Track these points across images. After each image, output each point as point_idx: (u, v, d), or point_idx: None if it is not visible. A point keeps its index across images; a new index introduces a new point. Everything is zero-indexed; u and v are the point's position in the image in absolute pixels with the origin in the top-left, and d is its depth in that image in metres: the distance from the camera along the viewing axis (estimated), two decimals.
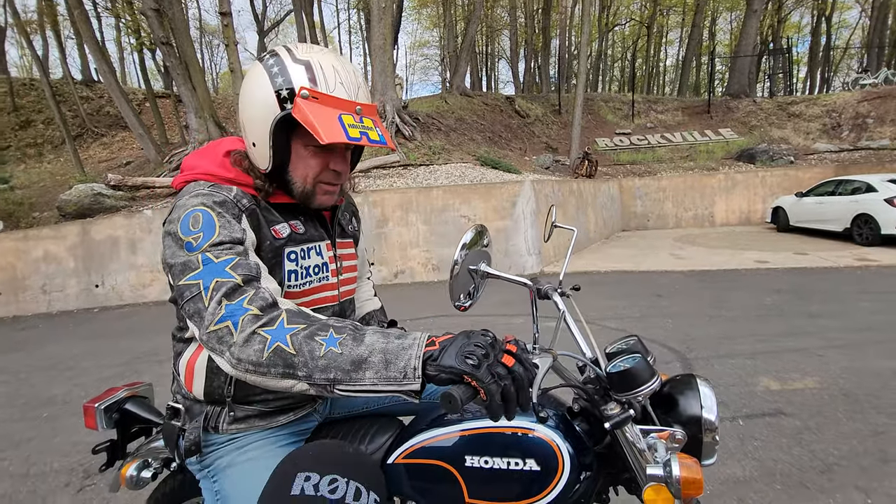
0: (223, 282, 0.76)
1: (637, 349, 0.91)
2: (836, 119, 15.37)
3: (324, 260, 1.02)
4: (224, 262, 0.79)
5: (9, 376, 4.14)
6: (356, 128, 0.85)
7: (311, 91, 0.84)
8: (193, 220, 0.82)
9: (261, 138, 0.89)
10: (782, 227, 10.83)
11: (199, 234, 0.81)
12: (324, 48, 0.91)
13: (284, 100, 0.84)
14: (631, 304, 5.35)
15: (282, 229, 0.94)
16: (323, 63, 0.86)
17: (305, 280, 0.98)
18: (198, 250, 0.80)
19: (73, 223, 7.46)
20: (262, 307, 0.75)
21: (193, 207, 0.84)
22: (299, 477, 0.74)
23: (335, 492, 0.73)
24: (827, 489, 2.01)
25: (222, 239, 0.81)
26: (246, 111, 0.91)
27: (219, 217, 0.83)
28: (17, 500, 2.25)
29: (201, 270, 0.78)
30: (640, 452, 0.83)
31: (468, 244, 0.77)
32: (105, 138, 15.54)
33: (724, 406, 2.79)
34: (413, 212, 7.63)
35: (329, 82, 0.86)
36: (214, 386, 0.97)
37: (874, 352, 3.50)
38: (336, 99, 0.86)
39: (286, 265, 0.94)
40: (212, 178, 0.92)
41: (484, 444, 0.91)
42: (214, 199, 0.86)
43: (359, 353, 0.70)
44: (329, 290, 1.04)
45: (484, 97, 16.80)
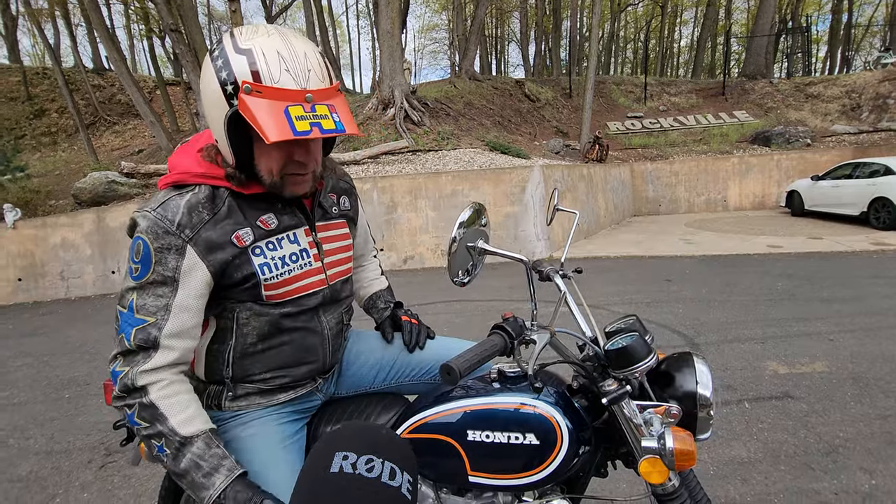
0: (123, 342, 0.88)
1: (635, 328, 0.93)
2: (855, 100, 14.94)
3: (302, 247, 1.00)
4: (136, 320, 0.87)
5: (32, 359, 4.29)
6: (305, 119, 0.80)
7: (254, 85, 0.79)
8: (137, 248, 0.87)
9: (220, 135, 0.87)
10: (797, 212, 10.64)
11: (138, 265, 0.87)
12: (271, 29, 0.84)
13: (230, 95, 0.81)
14: (640, 289, 5.34)
15: (245, 235, 0.93)
16: (266, 50, 0.80)
17: (283, 270, 0.97)
18: (134, 282, 0.88)
19: (88, 211, 7.60)
20: (123, 389, 0.87)
21: (139, 234, 0.87)
22: (337, 455, 0.77)
23: (372, 471, 0.76)
24: (831, 470, 2.02)
25: (154, 280, 0.87)
26: (204, 108, 0.89)
27: (156, 254, 0.86)
28: (41, 476, 2.36)
29: (124, 313, 0.88)
30: (636, 427, 0.85)
31: (466, 222, 0.79)
32: (117, 126, 15.71)
33: (732, 389, 2.80)
34: (422, 197, 7.63)
35: (273, 72, 0.80)
36: (214, 368, 1.02)
37: (886, 336, 3.47)
38: (281, 90, 0.80)
39: (254, 261, 0.94)
40: (187, 176, 0.92)
41: (486, 419, 0.94)
42: (158, 230, 0.86)
43: (180, 468, 0.86)
44: (314, 276, 1.03)
45: (493, 81, 16.60)
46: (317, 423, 1.14)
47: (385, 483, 0.75)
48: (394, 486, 0.76)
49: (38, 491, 2.23)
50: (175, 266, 0.87)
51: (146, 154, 11.97)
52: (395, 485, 0.76)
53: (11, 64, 18.06)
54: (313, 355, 1.06)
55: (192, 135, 1.10)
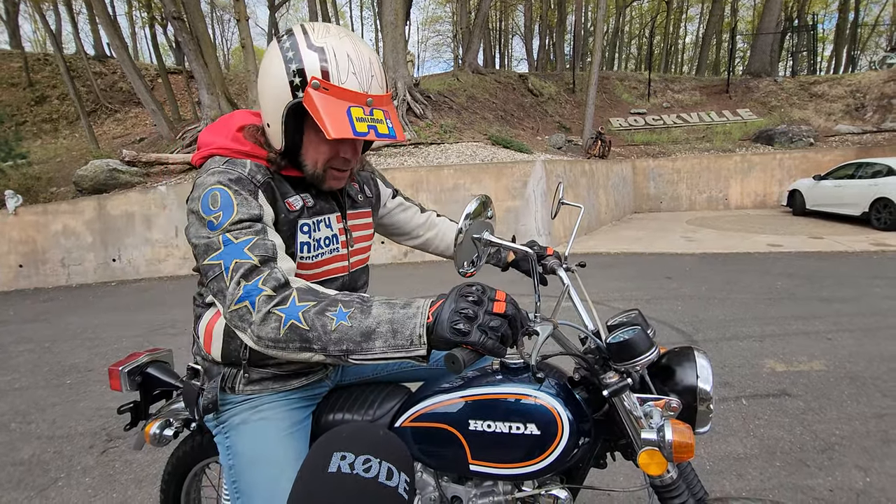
0: (241, 262, 0.80)
1: (637, 321, 0.93)
2: (860, 100, 14.88)
3: (333, 232, 1.04)
4: (243, 242, 0.82)
5: (33, 345, 4.31)
6: (364, 121, 0.85)
7: (323, 82, 0.83)
8: (212, 199, 0.85)
9: (274, 121, 0.90)
10: (798, 211, 10.64)
11: (218, 212, 0.84)
12: (341, 31, 0.88)
13: (296, 87, 0.84)
14: (640, 285, 5.35)
15: (295, 202, 0.97)
16: (337, 51, 0.84)
17: (317, 252, 1.00)
18: (219, 229, 0.83)
19: (89, 198, 7.59)
20: (275, 287, 0.79)
21: (211, 186, 0.86)
22: (335, 456, 0.78)
23: (369, 471, 0.77)
24: (826, 467, 2.04)
25: (241, 217, 0.84)
26: (262, 92, 0.92)
27: (236, 195, 0.86)
28: (43, 460, 2.38)
29: (222, 251, 0.82)
30: (636, 419, 0.86)
31: (472, 214, 0.80)
32: (119, 114, 15.64)
33: (729, 386, 2.82)
34: (424, 191, 7.63)
35: (342, 73, 0.84)
36: (231, 349, 1.02)
37: (884, 336, 3.49)
38: (347, 91, 0.85)
39: (299, 237, 0.97)
40: (227, 152, 0.94)
41: (487, 409, 0.95)
42: (230, 177, 0.88)
43: (367, 324, 0.74)
44: (339, 262, 1.07)
45: (497, 75, 16.52)
46: (321, 410, 1.15)
47: (382, 483, 0.76)
48: (391, 487, 0.77)
49: (41, 474, 2.25)
50: (257, 204, 0.88)
51: (147, 142, 11.93)
52: (392, 485, 0.77)
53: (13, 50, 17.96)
54: None
55: (197, 123, 1.10)
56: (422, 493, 1.05)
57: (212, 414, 1.05)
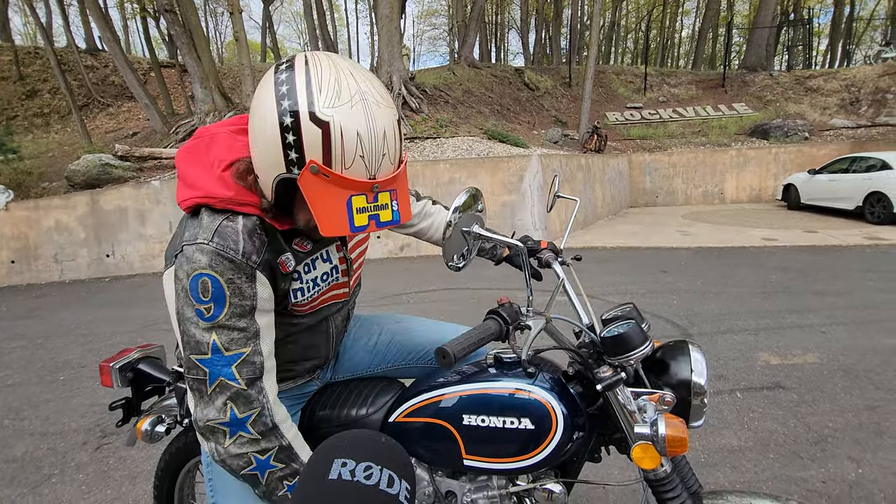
0: (228, 383, 0.80)
1: (632, 315, 0.93)
2: (854, 94, 14.92)
3: (333, 264, 1.00)
4: (232, 357, 0.80)
5: (26, 342, 4.27)
6: (365, 212, 0.76)
7: (323, 168, 0.71)
8: (202, 286, 0.78)
9: (265, 179, 0.79)
10: (793, 205, 10.68)
11: (209, 304, 0.78)
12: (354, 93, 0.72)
13: (292, 163, 0.73)
14: (636, 279, 5.36)
15: (287, 261, 0.89)
16: (346, 129, 0.71)
17: (314, 291, 0.96)
18: (210, 323, 0.79)
19: (82, 193, 7.52)
20: (262, 432, 0.83)
21: (202, 270, 0.78)
22: (336, 462, 0.77)
23: (370, 478, 0.76)
24: (819, 459, 2.06)
25: (234, 312, 0.80)
26: (254, 144, 0.79)
27: (229, 284, 0.79)
28: (37, 457, 2.36)
29: (209, 358, 0.79)
30: (630, 413, 0.86)
31: (461, 207, 0.79)
32: (111, 108, 15.47)
33: (724, 379, 2.83)
34: (419, 185, 7.60)
35: (347, 157, 0.72)
36: None
37: (877, 329, 3.51)
38: (350, 180, 0.73)
39: (293, 286, 0.93)
40: (215, 202, 0.83)
41: (481, 403, 0.94)
42: (224, 265, 0.79)
43: None
44: (340, 289, 1.04)
45: (493, 69, 16.44)
46: (312, 405, 1.14)
47: (383, 490, 0.75)
48: (392, 494, 0.76)
49: (34, 471, 2.23)
50: (252, 293, 0.81)
51: (141, 137, 11.82)
52: (394, 492, 0.76)
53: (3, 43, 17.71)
54: (317, 353, 1.07)
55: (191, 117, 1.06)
56: (416, 489, 1.04)
57: None
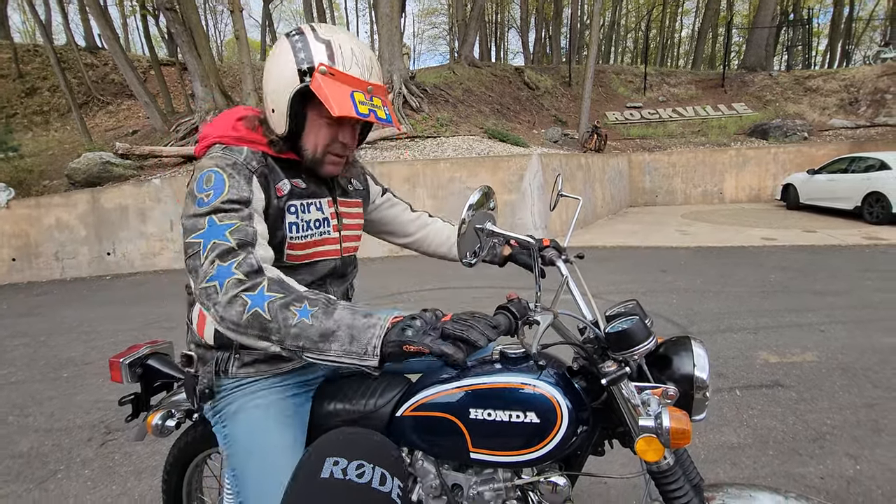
0: (219, 243, 0.84)
1: (636, 312, 0.95)
2: (854, 94, 14.95)
3: (325, 215, 1.09)
4: (225, 226, 0.86)
5: (28, 339, 4.29)
6: (366, 105, 0.93)
7: (329, 68, 0.92)
8: (207, 179, 0.91)
9: (280, 106, 0.97)
10: (792, 205, 10.71)
11: (209, 191, 0.90)
12: (344, 31, 1.00)
13: (304, 73, 0.92)
14: (636, 278, 5.39)
15: (283, 186, 1.02)
16: (342, 43, 0.94)
17: (306, 233, 1.05)
18: (206, 206, 0.88)
19: (82, 191, 7.53)
20: (247, 272, 0.82)
21: (207, 168, 0.93)
22: (328, 461, 0.79)
23: (362, 476, 0.77)
24: (817, 456, 2.08)
25: (230, 198, 0.90)
26: (269, 81, 0.98)
27: (229, 178, 0.92)
28: (42, 452, 2.38)
29: (204, 231, 0.86)
30: (634, 407, 0.87)
31: (475, 205, 0.81)
32: (111, 106, 15.45)
33: (723, 377, 2.85)
34: (420, 185, 7.61)
35: (346, 61, 0.93)
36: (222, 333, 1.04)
37: (875, 328, 3.54)
38: (350, 77, 0.93)
39: (287, 217, 1.02)
40: (227, 139, 1.00)
41: (488, 398, 0.96)
42: (226, 161, 0.95)
43: (327, 326, 0.77)
44: (330, 244, 1.11)
45: (493, 68, 16.45)
46: (319, 400, 1.16)
47: (376, 488, 0.77)
48: (384, 492, 0.77)
49: (40, 467, 2.25)
50: (248, 189, 0.94)
51: (141, 135, 11.82)
52: (386, 490, 0.77)
53: (2, 40, 17.67)
54: None
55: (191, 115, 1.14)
56: (423, 481, 1.06)
57: (209, 403, 1.07)
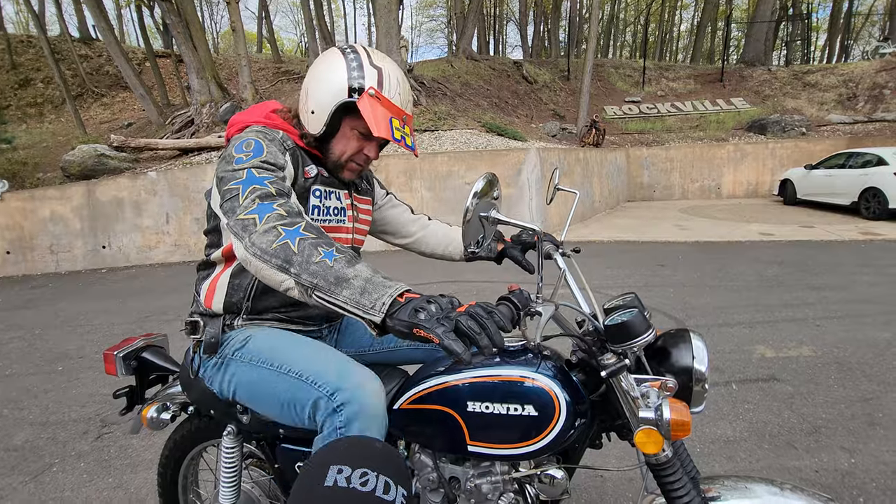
0: (259, 188, 0.91)
1: (634, 304, 0.94)
2: (852, 89, 14.95)
3: (342, 205, 1.19)
4: (264, 177, 0.94)
5: (23, 332, 4.26)
6: (399, 131, 1.05)
7: (378, 92, 1.03)
8: (246, 144, 1.00)
9: (321, 110, 1.06)
10: (789, 200, 10.73)
11: (249, 153, 0.98)
12: (391, 60, 1.11)
13: (354, 90, 1.03)
14: (633, 273, 5.39)
15: (311, 170, 1.11)
16: (391, 73, 1.06)
17: (325, 218, 1.14)
18: (246, 163, 0.96)
19: (77, 184, 7.46)
20: (288, 211, 0.89)
21: (247, 137, 1.02)
22: (332, 469, 0.78)
23: (366, 484, 0.76)
24: (813, 449, 2.09)
25: (268, 160, 0.98)
26: (317, 87, 1.07)
27: (267, 146, 1.01)
28: (37, 446, 2.37)
29: (244, 179, 0.93)
30: (633, 399, 0.87)
31: (479, 192, 0.80)
32: (105, 98, 15.31)
33: (720, 371, 2.86)
34: (417, 178, 7.59)
35: (391, 90, 1.05)
36: (234, 301, 1.10)
37: (871, 323, 3.55)
38: (392, 105, 1.05)
39: (311, 200, 1.11)
40: (263, 124, 1.10)
41: (486, 391, 0.95)
42: (266, 135, 1.05)
43: (345, 272, 0.79)
44: (344, 233, 1.20)
45: (491, 61, 16.36)
46: None
47: (379, 497, 0.75)
48: (388, 500, 0.76)
49: (35, 460, 2.24)
50: (283, 161, 1.02)
51: (136, 128, 11.72)
52: (390, 499, 0.76)
53: None
54: None
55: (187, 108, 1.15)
56: (420, 474, 1.06)
57: (213, 356, 1.09)
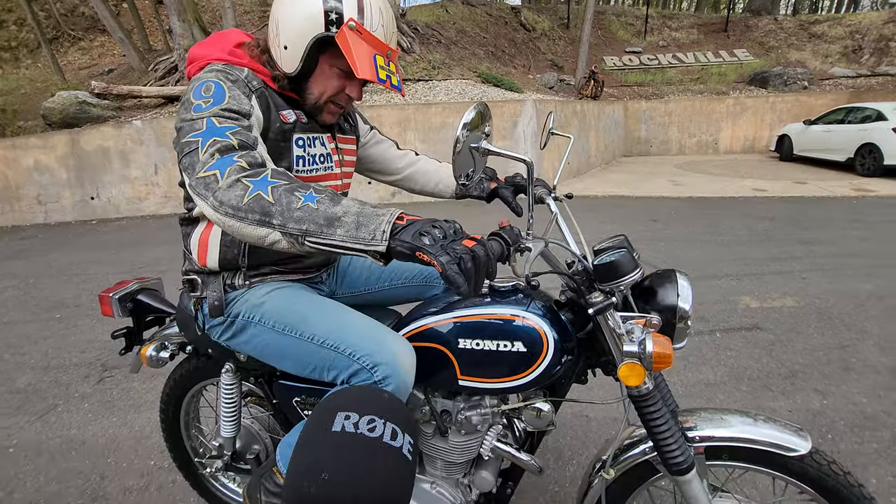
0: (220, 140, 0.81)
1: (623, 245, 0.95)
2: (858, 41, 14.53)
3: (327, 151, 1.10)
4: (226, 127, 0.83)
5: (17, 281, 4.27)
6: (384, 70, 0.94)
7: (358, 25, 0.91)
8: (206, 87, 0.88)
9: (295, 45, 0.94)
10: (786, 156, 10.64)
11: (209, 98, 0.86)
12: None
13: (331, 22, 0.91)
14: (626, 227, 5.42)
15: (289, 115, 1.00)
16: (373, 2, 0.93)
17: (312, 167, 1.06)
18: (205, 111, 0.84)
19: (60, 133, 7.23)
20: (250, 163, 0.79)
21: (207, 79, 0.90)
22: (339, 415, 0.78)
23: (374, 430, 0.77)
24: (788, 391, 2.19)
25: (230, 107, 0.86)
26: (288, 17, 0.94)
27: (230, 89, 0.89)
28: (40, 388, 2.43)
29: (203, 131, 0.82)
30: (619, 336, 0.90)
31: (469, 124, 0.78)
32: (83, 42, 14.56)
33: (705, 321, 2.95)
34: (411, 129, 7.42)
35: (374, 21, 0.93)
36: (229, 258, 1.04)
37: (855, 275, 3.63)
38: (375, 39, 0.93)
39: (294, 150, 1.01)
40: (226, 62, 0.97)
41: (477, 329, 0.98)
42: (228, 76, 0.92)
43: (334, 211, 0.73)
44: (333, 180, 1.12)
45: (488, 7, 15.62)
46: None
47: (387, 443, 0.77)
48: (395, 447, 0.77)
49: (38, 401, 2.31)
50: (248, 105, 0.91)
51: (117, 74, 11.23)
52: (397, 445, 0.78)
53: None
54: None
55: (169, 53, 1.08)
56: (412, 409, 1.11)
57: (220, 317, 1.05)
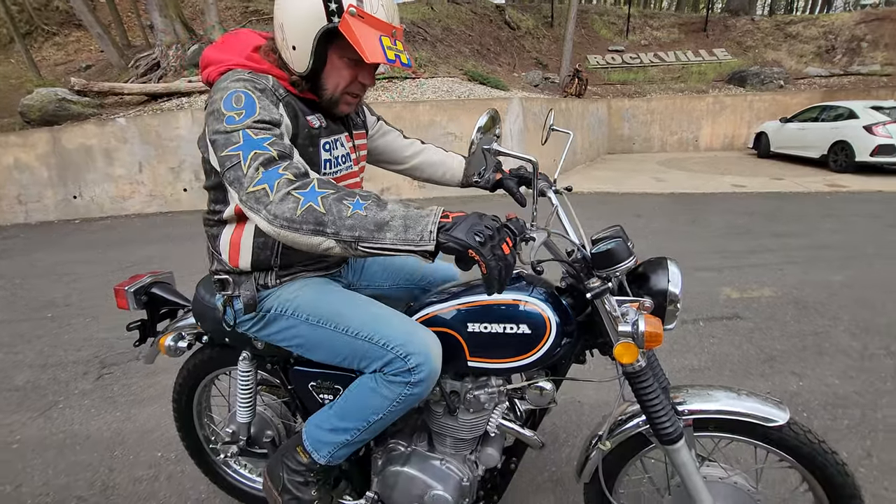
0: (260, 153, 0.84)
1: (619, 235, 1.04)
2: (831, 41, 15.00)
3: (346, 150, 1.14)
4: (262, 138, 0.86)
5: (4, 281, 4.21)
6: (392, 50, 0.94)
7: (359, 10, 0.91)
8: (236, 98, 0.89)
9: (302, 44, 0.95)
10: (763, 153, 10.97)
11: (241, 110, 0.88)
12: None
13: (332, 13, 0.91)
14: (610, 223, 5.49)
15: (314, 120, 1.04)
16: None
17: (337, 169, 1.10)
18: (239, 124, 0.86)
19: (40, 130, 7.10)
20: (295, 174, 0.83)
21: (236, 88, 0.91)
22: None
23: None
24: (767, 374, 2.33)
25: (262, 118, 0.88)
26: (291, 17, 0.95)
27: (259, 100, 0.91)
28: (39, 385, 2.44)
29: (241, 144, 0.85)
30: (614, 318, 0.99)
31: (483, 127, 0.86)
32: (58, 38, 14.21)
33: (688, 311, 3.07)
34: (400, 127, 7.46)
35: (373, 4, 0.93)
36: (261, 259, 1.09)
37: (828, 267, 3.81)
38: (378, 20, 0.94)
39: (322, 154, 1.06)
40: (248, 68, 0.98)
41: (484, 313, 1.07)
42: (255, 85, 0.93)
43: (382, 216, 0.78)
44: (353, 178, 1.17)
45: (473, 5, 15.68)
46: None
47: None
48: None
49: (39, 398, 2.32)
50: (278, 113, 0.93)
51: (96, 70, 11.01)
52: None
53: None
54: None
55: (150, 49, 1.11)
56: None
57: (251, 314, 1.10)
